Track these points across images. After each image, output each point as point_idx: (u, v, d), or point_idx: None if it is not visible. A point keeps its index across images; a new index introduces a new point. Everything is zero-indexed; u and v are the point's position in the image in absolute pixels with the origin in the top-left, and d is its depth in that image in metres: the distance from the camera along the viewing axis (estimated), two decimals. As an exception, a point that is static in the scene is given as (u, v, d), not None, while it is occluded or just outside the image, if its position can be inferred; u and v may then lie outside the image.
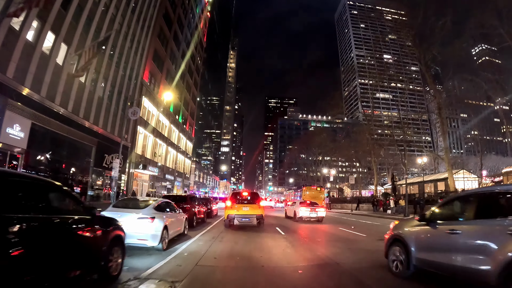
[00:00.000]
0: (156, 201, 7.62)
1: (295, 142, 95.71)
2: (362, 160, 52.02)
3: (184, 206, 11.24)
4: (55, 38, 17.42)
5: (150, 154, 32.02)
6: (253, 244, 8.58)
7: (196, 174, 68.70)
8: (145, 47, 29.66)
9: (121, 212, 6.62)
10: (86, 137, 20.58)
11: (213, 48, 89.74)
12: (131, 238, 6.29)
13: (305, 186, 48.05)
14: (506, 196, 4.06)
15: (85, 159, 21.04)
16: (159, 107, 33.62)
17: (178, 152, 43.76)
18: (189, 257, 6.61)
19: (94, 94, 21.34)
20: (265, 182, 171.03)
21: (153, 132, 32.24)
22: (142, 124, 29.22)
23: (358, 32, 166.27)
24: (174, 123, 40.63)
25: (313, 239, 10.53)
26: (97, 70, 21.61)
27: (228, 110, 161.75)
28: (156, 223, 6.66)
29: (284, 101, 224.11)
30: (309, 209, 17.41)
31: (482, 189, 5.47)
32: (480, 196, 4.47)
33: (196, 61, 52.13)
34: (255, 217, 12.48)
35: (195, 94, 53.52)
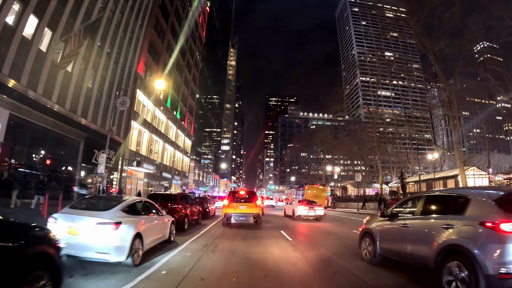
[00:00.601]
0: (127, 201, 5.85)
1: (296, 140, 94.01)
2: (365, 157, 50.40)
3: (173, 207, 9.70)
4: (38, 22, 15.91)
5: (146, 150, 30.47)
6: (255, 255, 7.01)
7: (196, 172, 67.21)
8: (140, 38, 28.06)
9: (77, 215, 4.99)
10: (73, 131, 19.02)
11: (213, 44, 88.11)
12: (88, 250, 4.74)
13: (307, 184, 47.25)
14: (444, 198, 5.12)
15: (72, 155, 19.47)
16: (155, 101, 32.03)
17: (176, 149, 42.22)
18: (166, 277, 4.94)
19: (82, 85, 19.77)
20: (266, 180, 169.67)
21: (148, 127, 30.67)
22: (136, 119, 27.64)
23: (359, 29, 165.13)
24: (171, 119, 39.06)
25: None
26: (85, 59, 20.02)
27: (228, 108, 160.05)
28: (122, 231, 4.98)
29: (285, 100, 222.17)
30: (307, 208, 17.55)
31: (428, 192, 6.51)
32: (426, 197, 5.40)
33: (195, 56, 50.50)
34: (252, 216, 12.56)
35: (194, 90, 51.91)
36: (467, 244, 3.95)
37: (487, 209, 4.08)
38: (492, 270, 3.62)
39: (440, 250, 4.30)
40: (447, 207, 4.81)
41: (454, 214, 4.49)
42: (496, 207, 3.99)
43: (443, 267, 4.21)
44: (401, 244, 5.26)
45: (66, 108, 18.21)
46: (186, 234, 9.72)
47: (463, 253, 3.99)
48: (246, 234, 10.50)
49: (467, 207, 4.32)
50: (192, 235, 9.62)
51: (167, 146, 38.11)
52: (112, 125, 19.76)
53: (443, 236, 4.35)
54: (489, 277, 3.63)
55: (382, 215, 6.21)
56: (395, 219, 5.73)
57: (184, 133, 46.63)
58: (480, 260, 3.73)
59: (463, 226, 4.18)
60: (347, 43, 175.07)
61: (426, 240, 4.63)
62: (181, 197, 11.08)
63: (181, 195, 11.50)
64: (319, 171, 71.67)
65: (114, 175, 23.88)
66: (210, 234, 10.18)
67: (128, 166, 25.77)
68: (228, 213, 12.36)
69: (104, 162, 15.18)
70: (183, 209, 10.35)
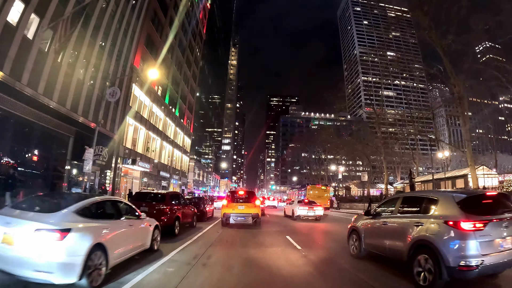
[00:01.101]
0: (85, 201, 4.39)
1: (298, 140, 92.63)
2: (369, 157, 49.09)
3: (161, 208, 8.42)
4: (24, 7, 14.71)
5: (142, 148, 29.17)
6: (258, 272, 5.49)
7: (196, 172, 65.92)
8: (136, 30, 26.81)
9: (14, 218, 3.66)
10: (62, 125, 17.74)
11: (214, 43, 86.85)
12: (24, 267, 3.41)
13: (309, 185, 46.42)
14: (417, 199, 5.73)
15: (61, 151, 18.19)
16: (152, 97, 30.75)
17: (174, 148, 40.91)
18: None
19: (72, 77, 18.50)
20: (267, 181, 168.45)
21: (145, 124, 29.37)
22: (132, 115, 26.35)
23: (361, 29, 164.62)
24: (170, 116, 37.74)
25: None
26: (76, 49, 18.77)
27: (229, 108, 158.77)
28: (71, 241, 3.61)
29: (286, 100, 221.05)
30: (307, 208, 17.61)
31: (404, 193, 7.79)
32: (403, 198, 6.05)
33: (194, 53, 49.21)
34: (251, 216, 12.42)
35: (193, 87, 50.60)
36: (433, 240, 4.44)
37: (451, 209, 4.56)
38: (453, 263, 4.10)
39: (412, 245, 4.80)
40: (419, 207, 5.28)
41: (425, 213, 5.00)
42: (458, 208, 4.47)
43: (414, 260, 4.71)
44: (381, 239, 5.84)
45: (54, 100, 16.94)
46: (176, 241, 8.40)
47: (429, 248, 4.46)
48: (246, 240, 9.31)
49: (435, 208, 4.84)
50: (182, 242, 8.33)
51: (165, 144, 36.83)
52: (103, 119, 18.44)
53: (414, 232, 4.87)
54: (450, 269, 4.11)
55: (367, 214, 6.80)
56: (377, 217, 6.30)
57: (183, 131, 45.31)
58: (443, 254, 4.20)
59: (431, 224, 4.68)
60: (349, 43, 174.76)
61: (401, 236, 5.17)
62: (171, 196, 9.68)
63: (171, 194, 10.08)
64: (321, 171, 70.48)
65: (108, 174, 22.55)
66: (204, 241, 8.82)
67: (122, 164, 24.48)
68: (227, 213, 12.35)
69: (91, 159, 13.89)
70: (174, 210, 9.04)
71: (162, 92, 34.74)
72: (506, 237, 4.37)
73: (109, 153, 22.18)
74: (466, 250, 4.14)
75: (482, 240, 4.18)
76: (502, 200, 4.99)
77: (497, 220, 4.39)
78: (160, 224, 8.31)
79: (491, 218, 4.38)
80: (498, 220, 4.40)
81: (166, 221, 8.30)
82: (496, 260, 4.23)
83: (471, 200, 4.69)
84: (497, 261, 4.24)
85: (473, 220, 4.26)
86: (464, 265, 4.08)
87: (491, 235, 4.27)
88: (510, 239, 4.41)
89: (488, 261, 4.14)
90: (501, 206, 4.76)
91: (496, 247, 4.28)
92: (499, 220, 4.40)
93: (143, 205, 8.40)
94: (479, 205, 4.71)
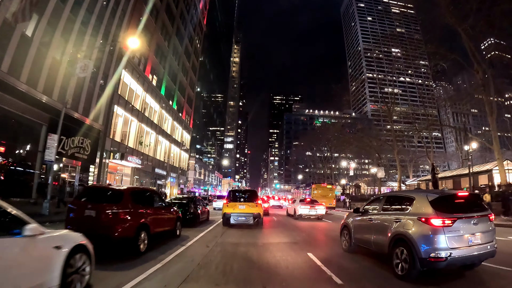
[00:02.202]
0: None
1: (302, 138, 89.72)
2: (380, 153, 46.21)
3: (115, 212, 5.60)
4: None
5: (134, 142, 26.50)
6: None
7: (197, 171, 63.32)
8: (127, 10, 24.20)
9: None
10: (33, 110, 15.12)
11: (215, 37, 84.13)
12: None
13: (314, 183, 44.51)
14: (398, 198, 6.18)
15: (31, 142, 15.56)
16: (145, 86, 28.09)
17: (172, 143, 38.22)
18: None
19: (46, 55, 15.87)
20: (270, 180, 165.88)
21: (137, 115, 26.70)
22: (121, 105, 23.71)
23: (365, 25, 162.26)
24: (166, 108, 35.06)
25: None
26: (52, 24, 16.10)
27: (232, 105, 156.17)
28: None
29: (289, 98, 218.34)
30: (309, 207, 17.55)
31: (387, 193, 8.31)
32: (387, 197, 6.47)
33: (194, 44, 46.49)
34: (252, 216, 11.96)
35: (193, 80, 47.89)
36: (408, 234, 4.93)
37: (424, 208, 5.04)
38: (424, 255, 4.61)
39: (391, 239, 5.30)
40: (399, 205, 5.80)
41: (403, 211, 5.52)
42: (430, 206, 4.95)
43: (393, 252, 5.20)
44: (368, 234, 6.32)
45: (22, 80, 14.32)
46: (133, 266, 5.19)
47: (405, 241, 4.95)
48: (250, 262, 6.06)
49: (412, 206, 5.34)
50: (141, 269, 5.04)
51: (161, 139, 34.13)
52: (90, 108, 15.75)
53: (393, 228, 5.37)
54: (422, 260, 4.61)
55: (356, 211, 7.20)
56: (365, 214, 6.74)
57: (182, 126, 42.57)
58: (416, 247, 4.71)
59: (407, 220, 5.16)
60: (353, 39, 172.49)
61: (383, 231, 5.65)
62: (132, 194, 6.30)
63: (133, 190, 6.60)
64: (327, 169, 67.87)
65: (91, 169, 19.88)
66: (181, 266, 5.48)
67: (109, 159, 21.82)
68: (228, 213, 11.96)
69: (55, 147, 11.28)
70: (138, 216, 6.12)
71: (157, 82, 32.08)
72: (475, 233, 4.80)
73: (92, 146, 19.54)
74: (436, 243, 4.59)
75: (451, 235, 4.62)
76: (473, 200, 5.43)
77: (465, 218, 4.81)
78: (113, 236, 5.58)
79: (460, 216, 4.80)
80: (466, 217, 4.82)
81: (121, 232, 5.54)
82: (464, 253, 4.65)
83: (442, 200, 5.09)
84: (466, 254, 4.66)
85: (442, 217, 4.71)
86: (434, 257, 4.55)
87: (460, 231, 4.70)
88: (479, 235, 4.82)
89: (456, 253, 4.58)
90: (471, 206, 5.15)
91: (465, 241, 4.70)
92: (467, 218, 4.82)
93: (88, 207, 5.70)
94: (450, 204, 5.06)
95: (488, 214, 5.09)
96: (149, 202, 7.02)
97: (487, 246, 4.87)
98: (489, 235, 4.96)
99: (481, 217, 4.93)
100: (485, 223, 4.96)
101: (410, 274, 4.75)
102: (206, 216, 14.44)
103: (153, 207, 7.06)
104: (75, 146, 18.06)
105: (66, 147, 17.19)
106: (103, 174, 21.08)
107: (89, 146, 19.16)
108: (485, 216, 5.01)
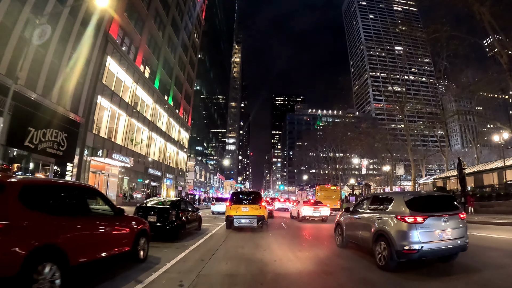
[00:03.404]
0: None
1: (305, 138, 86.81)
2: (391, 151, 43.31)
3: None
4: None
5: (123, 139, 23.73)
6: None
7: (197, 172, 60.52)
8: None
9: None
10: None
11: (214, 34, 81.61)
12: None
13: (318, 185, 42.54)
14: (380, 198, 6.74)
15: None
16: (136, 77, 25.41)
17: (168, 141, 35.41)
18: None
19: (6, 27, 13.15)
20: (273, 181, 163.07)
21: (126, 109, 23.96)
22: (107, 96, 21.00)
23: (367, 23, 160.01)
24: (161, 104, 32.29)
25: None
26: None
27: (233, 106, 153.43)
28: None
29: (291, 99, 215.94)
30: (312, 208, 17.31)
31: (372, 194, 8.86)
32: (372, 198, 7.15)
33: (192, 38, 43.84)
34: (256, 219, 11.66)
35: (191, 75, 45.18)
36: (387, 230, 5.59)
37: (401, 207, 5.66)
38: (399, 247, 5.24)
39: (374, 234, 5.98)
40: (381, 205, 6.44)
41: (384, 210, 6.18)
42: (406, 206, 5.57)
43: (376, 246, 5.83)
44: (356, 231, 7.01)
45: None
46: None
47: (385, 236, 5.60)
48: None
49: (391, 205, 6.00)
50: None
51: (155, 137, 31.33)
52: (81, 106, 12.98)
53: (376, 225, 6.03)
54: (398, 252, 5.25)
55: (347, 210, 8.12)
56: (354, 213, 7.40)
57: (179, 123, 39.79)
58: (393, 241, 5.36)
59: (387, 218, 5.82)
60: (355, 38, 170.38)
61: (368, 228, 6.34)
62: (26, 191, 3.27)
63: (30, 185, 3.50)
64: (331, 170, 65.17)
65: (69, 168, 17.11)
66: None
67: (91, 157, 19.07)
68: (231, 216, 11.82)
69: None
70: (30, 234, 3.06)
71: (151, 74, 29.41)
72: (446, 230, 5.40)
73: (69, 141, 16.80)
74: (409, 238, 5.21)
75: (422, 231, 5.25)
76: (447, 201, 6.03)
77: (436, 216, 5.38)
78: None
79: (431, 214, 5.37)
80: (436, 216, 5.39)
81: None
82: (435, 246, 5.26)
83: (416, 200, 5.73)
84: (436, 247, 5.28)
85: (415, 215, 5.33)
86: (408, 249, 5.17)
87: (430, 227, 5.31)
88: (450, 231, 5.41)
89: (427, 247, 5.19)
90: (444, 205, 5.78)
91: (436, 237, 5.31)
92: (437, 216, 5.39)
93: None
94: (423, 204, 5.68)
95: (459, 213, 5.62)
96: (74, 208, 4.07)
97: (457, 241, 5.43)
98: (459, 231, 5.50)
99: (452, 215, 5.48)
100: (455, 221, 5.48)
101: (389, 265, 5.40)
102: (197, 224, 11.37)
103: (84, 216, 4.15)
104: (47, 140, 15.34)
105: (35, 140, 14.47)
106: (84, 174, 18.32)
107: (65, 140, 16.43)
108: (455, 214, 5.54)
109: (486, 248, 7.51)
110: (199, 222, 11.66)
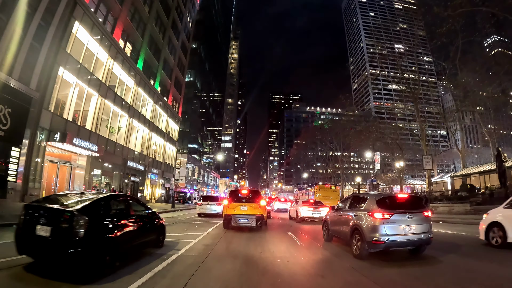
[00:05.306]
0: None
1: (304, 136, 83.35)
2: (402, 147, 40.04)
3: None
4: None
5: (92, 123, 19.80)
6: None
7: (189, 169, 56.68)
8: None
9: None
10: None
11: (211, 25, 77.82)
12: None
13: (317, 184, 41.51)
14: (357, 198, 7.78)
15: None
16: (113, 52, 21.55)
17: (153, 132, 31.42)
18: None
19: None
20: (270, 180, 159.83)
21: (98, 88, 20.00)
22: (72, 69, 17.13)
23: (367, 21, 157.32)
24: (145, 87, 28.25)
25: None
26: None
27: (230, 103, 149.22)
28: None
29: (289, 97, 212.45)
30: (312, 209, 16.61)
31: (352, 194, 8.96)
32: (352, 198, 8.13)
33: (184, 20, 39.95)
34: (254, 218, 11.41)
35: (183, 61, 41.24)
36: (361, 224, 6.55)
37: (372, 205, 6.61)
38: (369, 239, 6.17)
39: (351, 228, 6.95)
40: (358, 204, 7.41)
41: (359, 208, 7.15)
42: (375, 204, 6.52)
43: (352, 239, 6.84)
44: (338, 226, 8.03)
45: None
46: None
47: (359, 230, 6.57)
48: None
49: (365, 204, 6.97)
50: None
51: (136, 125, 27.24)
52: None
53: (353, 220, 7.03)
54: (368, 243, 6.17)
55: (333, 208, 9.19)
56: (338, 211, 8.41)
57: (168, 113, 35.85)
58: (364, 233, 6.33)
59: (361, 214, 6.78)
60: (354, 35, 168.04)
61: (347, 223, 7.31)
62: None
63: None
64: (329, 169, 62.01)
65: (14, 153, 13.22)
66: None
67: (47, 141, 15.21)
68: (228, 215, 11.56)
69: None
70: None
71: (133, 52, 25.60)
72: (411, 225, 6.27)
73: (16, 119, 12.95)
74: (377, 231, 6.15)
75: (389, 225, 6.16)
76: (414, 200, 6.95)
77: (401, 213, 6.30)
78: None
79: (397, 211, 6.30)
80: (402, 213, 6.31)
81: None
82: (399, 239, 6.20)
83: (385, 199, 6.71)
84: (400, 239, 6.21)
85: (382, 212, 6.25)
86: (376, 240, 6.10)
87: (396, 222, 6.22)
88: (414, 227, 6.28)
89: (393, 239, 6.12)
90: (410, 204, 6.65)
91: (401, 230, 6.21)
92: (402, 213, 6.31)
93: None
94: (391, 203, 6.61)
95: (423, 211, 6.57)
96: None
97: (421, 235, 6.34)
98: (424, 227, 6.40)
99: (416, 213, 6.42)
100: (419, 218, 6.41)
101: (361, 254, 6.39)
102: (154, 238, 6.85)
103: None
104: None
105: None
106: (36, 163, 14.46)
107: (9, 117, 12.58)
108: (419, 212, 6.49)
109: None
110: (158, 234, 7.12)
